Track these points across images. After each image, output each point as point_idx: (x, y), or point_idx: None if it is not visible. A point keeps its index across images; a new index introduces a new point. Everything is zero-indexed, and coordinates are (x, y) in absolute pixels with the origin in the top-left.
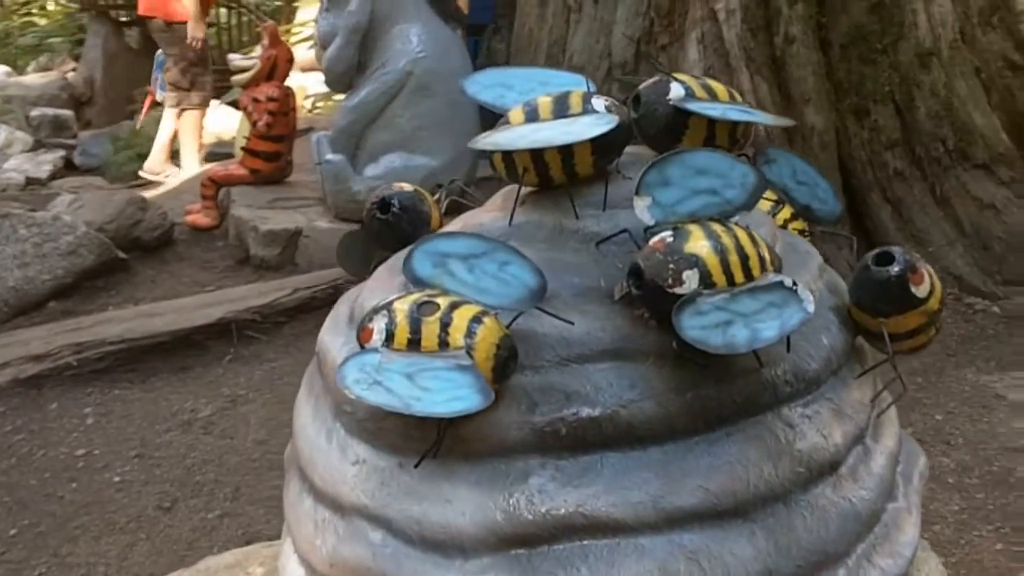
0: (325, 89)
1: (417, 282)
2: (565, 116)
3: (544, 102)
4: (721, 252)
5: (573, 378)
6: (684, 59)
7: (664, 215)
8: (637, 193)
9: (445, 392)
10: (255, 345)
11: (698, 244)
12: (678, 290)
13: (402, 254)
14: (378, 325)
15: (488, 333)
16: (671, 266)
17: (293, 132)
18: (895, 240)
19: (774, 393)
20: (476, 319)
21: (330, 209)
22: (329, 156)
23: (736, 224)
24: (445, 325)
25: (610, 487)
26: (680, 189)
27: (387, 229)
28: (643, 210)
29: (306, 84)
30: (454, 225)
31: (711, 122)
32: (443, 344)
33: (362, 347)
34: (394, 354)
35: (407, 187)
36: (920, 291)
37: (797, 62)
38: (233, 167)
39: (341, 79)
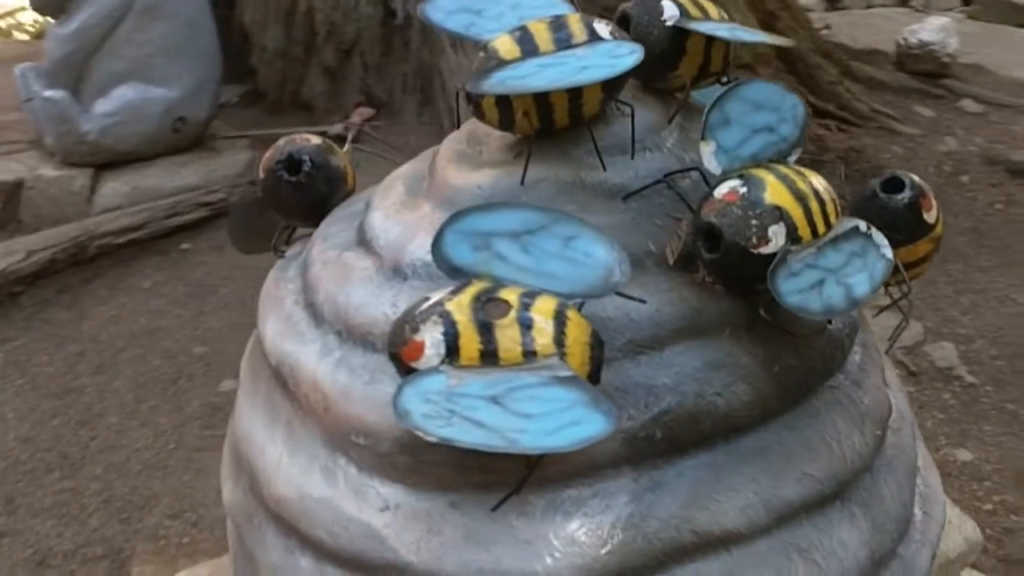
0: None
1: (455, 273)
2: (570, 47)
3: (539, 30)
4: (802, 200)
5: (652, 368)
6: None
7: (729, 161)
8: (703, 138)
9: (554, 417)
10: None
11: (778, 193)
12: (764, 250)
13: (340, 220)
14: (431, 336)
15: (578, 331)
16: (754, 222)
17: None
18: None
19: (842, 350)
20: (559, 315)
21: (53, 154)
22: (47, 92)
23: (799, 166)
24: (526, 327)
25: (716, 493)
26: (740, 128)
27: (299, 194)
28: (710, 157)
29: None
30: (394, 190)
31: (707, 46)
32: (529, 353)
33: (406, 367)
34: (464, 372)
35: (313, 139)
36: (930, 216)
37: None
38: None
39: (50, 2)
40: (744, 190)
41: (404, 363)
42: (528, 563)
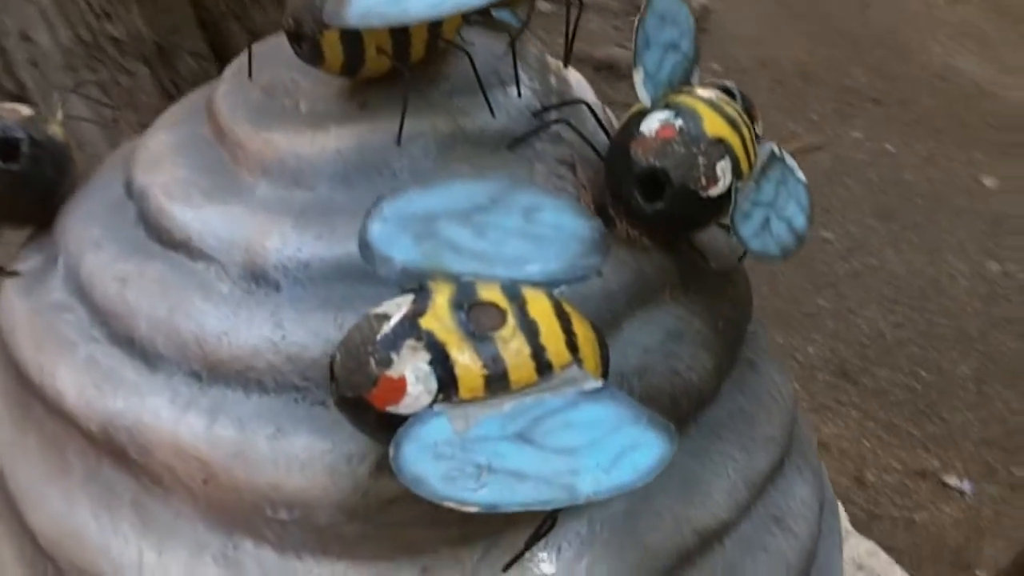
0: None
1: (401, 275)
2: None
3: None
4: (736, 128)
5: (618, 351)
6: None
7: (654, 89)
8: (634, 64)
9: (603, 445)
10: None
11: (715, 123)
12: (713, 191)
13: (97, 217)
14: (413, 367)
15: (582, 327)
16: (701, 159)
17: None
18: None
19: (750, 290)
20: (559, 311)
21: None
22: None
23: (710, 87)
24: (532, 334)
25: (704, 482)
26: (656, 49)
27: (18, 185)
28: (641, 87)
29: None
30: (169, 166)
31: None
32: (544, 367)
33: (378, 414)
34: (469, 409)
35: (21, 108)
36: None
37: None
38: None
39: None
40: (680, 123)
41: (375, 409)
42: None
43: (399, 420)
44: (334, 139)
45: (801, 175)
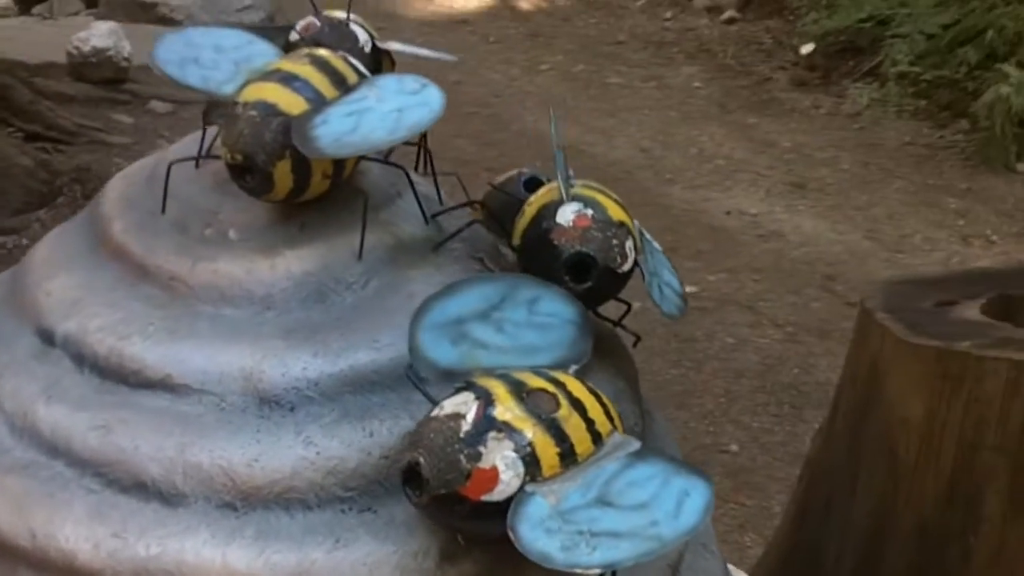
0: None
1: (443, 375)
2: (349, 89)
3: (309, 73)
4: (626, 211)
5: None
6: None
7: (564, 186)
8: (556, 168)
9: (665, 496)
10: None
11: (614, 208)
12: (625, 267)
13: (21, 368)
14: (502, 457)
15: (606, 398)
16: (615, 241)
17: None
18: None
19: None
20: (589, 388)
21: None
22: None
23: None
24: (582, 412)
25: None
26: (557, 153)
27: None
28: (561, 185)
29: None
30: (90, 308)
31: (392, 63)
32: (596, 437)
33: (471, 505)
34: (552, 486)
35: None
36: None
37: None
38: None
39: None
40: (591, 212)
41: (469, 501)
42: None
43: (491, 507)
44: (297, 262)
45: (657, 244)
